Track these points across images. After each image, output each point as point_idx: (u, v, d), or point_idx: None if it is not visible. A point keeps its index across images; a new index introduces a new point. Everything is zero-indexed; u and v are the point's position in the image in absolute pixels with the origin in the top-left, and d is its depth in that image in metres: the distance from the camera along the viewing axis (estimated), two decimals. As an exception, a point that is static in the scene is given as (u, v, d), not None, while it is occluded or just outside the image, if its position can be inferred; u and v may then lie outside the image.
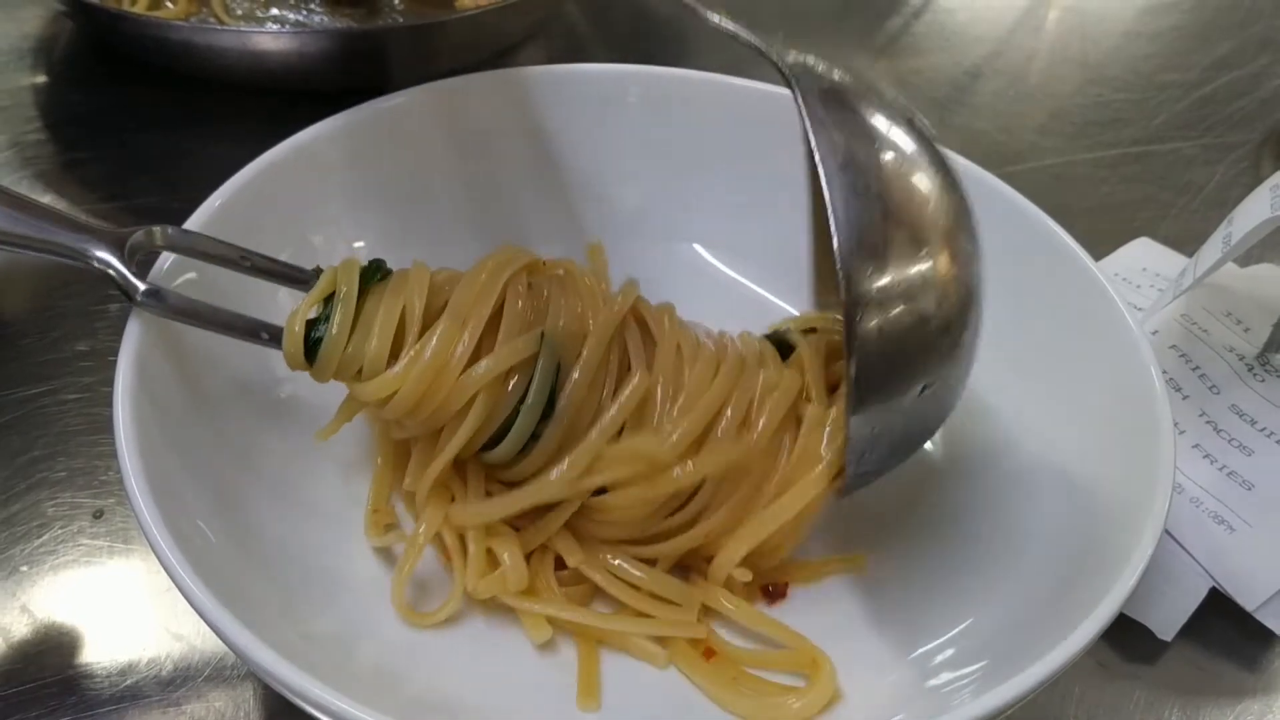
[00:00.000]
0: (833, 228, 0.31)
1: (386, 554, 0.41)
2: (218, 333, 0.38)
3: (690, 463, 0.37)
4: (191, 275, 0.40)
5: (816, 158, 0.32)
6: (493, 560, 0.39)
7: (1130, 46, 0.80)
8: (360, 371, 0.37)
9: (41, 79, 0.68)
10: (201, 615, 0.31)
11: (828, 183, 0.32)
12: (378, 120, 0.46)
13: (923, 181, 0.34)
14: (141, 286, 0.38)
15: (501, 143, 0.48)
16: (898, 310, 0.32)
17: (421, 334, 0.37)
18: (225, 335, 0.38)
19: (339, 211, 0.46)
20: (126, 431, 0.34)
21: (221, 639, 0.31)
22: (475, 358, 0.37)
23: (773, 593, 0.40)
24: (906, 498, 0.42)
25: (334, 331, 0.37)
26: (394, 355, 0.37)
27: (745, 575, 0.39)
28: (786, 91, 0.47)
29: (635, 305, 0.40)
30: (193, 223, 0.41)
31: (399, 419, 0.38)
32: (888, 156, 0.33)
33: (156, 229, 0.39)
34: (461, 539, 0.40)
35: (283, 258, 0.40)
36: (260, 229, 0.42)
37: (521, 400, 0.38)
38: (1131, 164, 0.68)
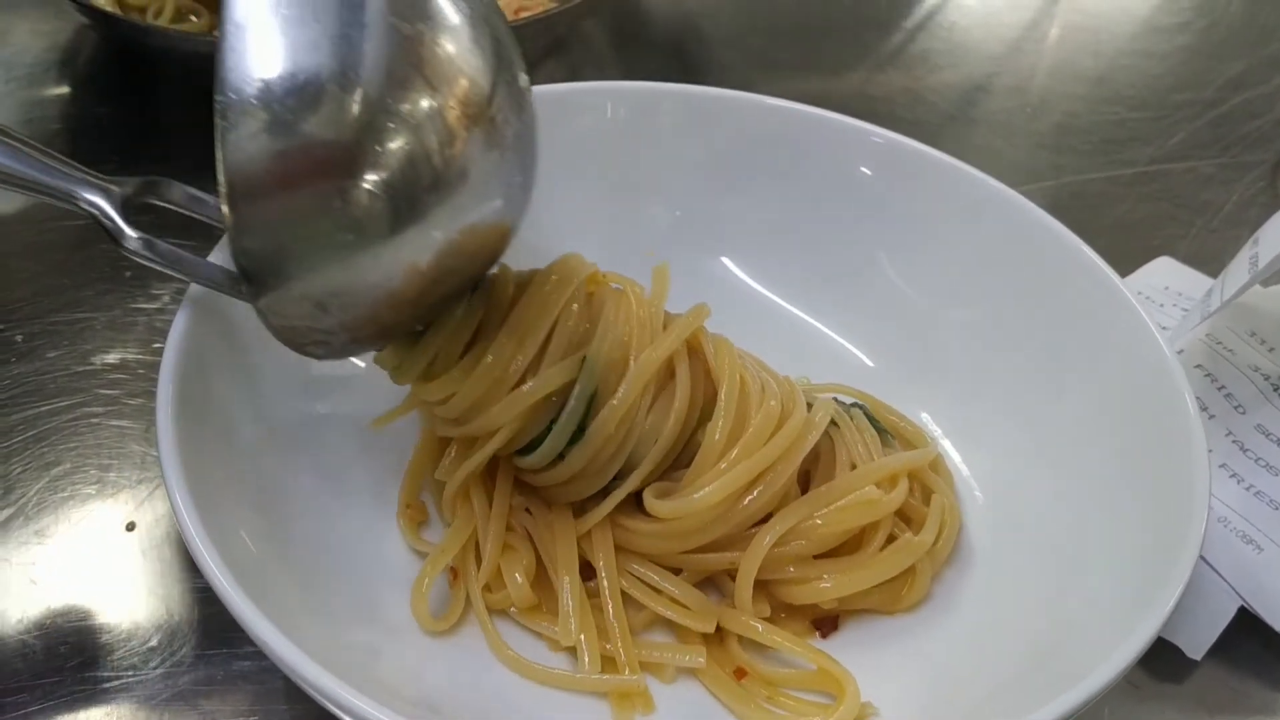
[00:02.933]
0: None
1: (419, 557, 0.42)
2: (205, 286, 0.38)
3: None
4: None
5: None
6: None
7: (1144, 65, 0.80)
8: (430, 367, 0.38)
9: (66, 90, 0.68)
10: (244, 624, 0.31)
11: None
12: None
13: None
14: (132, 234, 0.37)
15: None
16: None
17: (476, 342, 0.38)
18: (211, 288, 0.38)
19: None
20: (168, 443, 0.34)
21: (263, 647, 0.31)
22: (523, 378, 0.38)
23: (823, 625, 0.40)
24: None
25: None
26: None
27: (763, 610, 0.39)
28: (816, 110, 0.49)
29: (694, 336, 0.40)
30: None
31: (453, 419, 0.39)
32: None
33: (151, 179, 0.40)
34: (478, 553, 0.40)
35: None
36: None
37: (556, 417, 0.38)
38: (1149, 183, 0.68)
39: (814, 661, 0.38)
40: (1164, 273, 0.57)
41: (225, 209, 0.31)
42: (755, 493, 0.38)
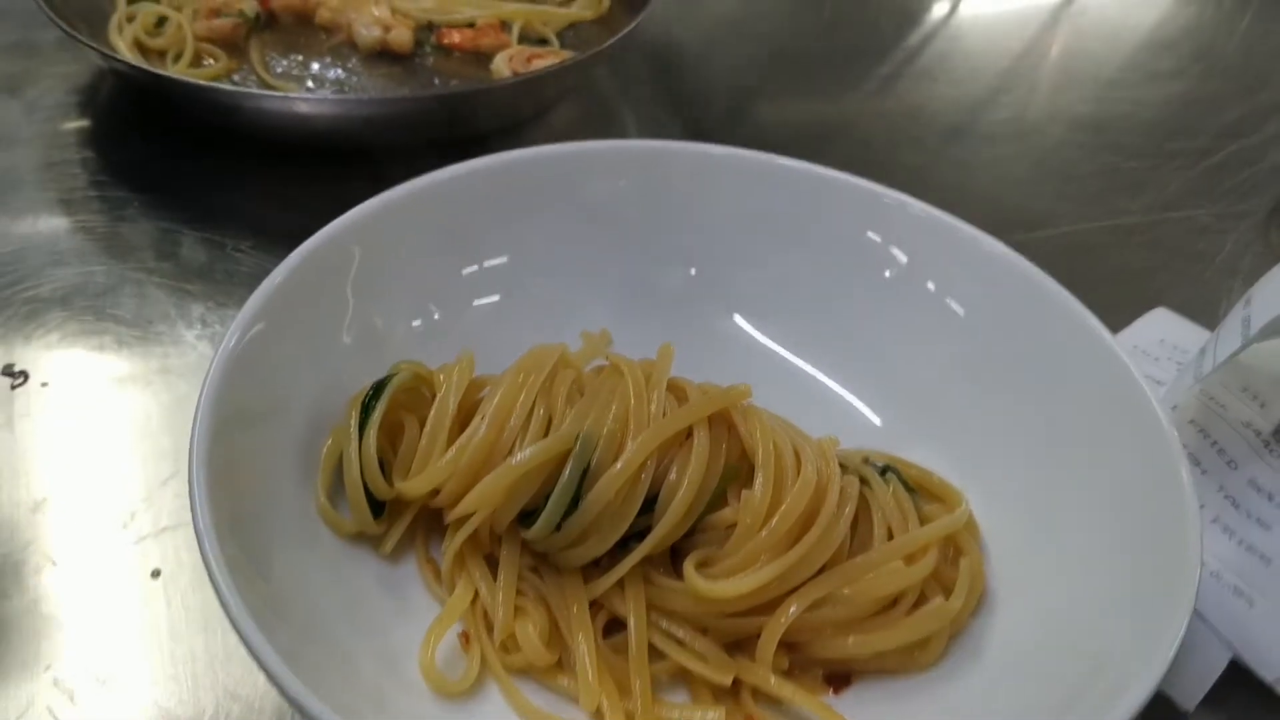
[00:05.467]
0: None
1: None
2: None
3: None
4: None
5: None
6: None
7: (1139, 112, 0.82)
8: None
9: (87, 131, 0.70)
10: (266, 670, 0.32)
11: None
12: (431, 195, 0.48)
13: None
14: None
15: (550, 216, 0.50)
16: None
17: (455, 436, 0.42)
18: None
19: (398, 290, 0.48)
20: (202, 499, 0.35)
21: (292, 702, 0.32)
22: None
23: (836, 681, 0.41)
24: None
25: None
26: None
27: (781, 664, 0.40)
28: (826, 170, 0.50)
29: (724, 412, 0.41)
30: (255, 300, 0.42)
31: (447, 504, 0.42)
32: None
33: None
34: (486, 616, 0.42)
35: (345, 340, 0.43)
36: (325, 301, 0.44)
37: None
38: (1145, 232, 0.70)
39: (824, 718, 0.39)
40: (1160, 325, 0.59)
41: None
42: (797, 574, 0.40)
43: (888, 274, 0.49)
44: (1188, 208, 0.72)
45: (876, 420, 0.50)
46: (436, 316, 0.48)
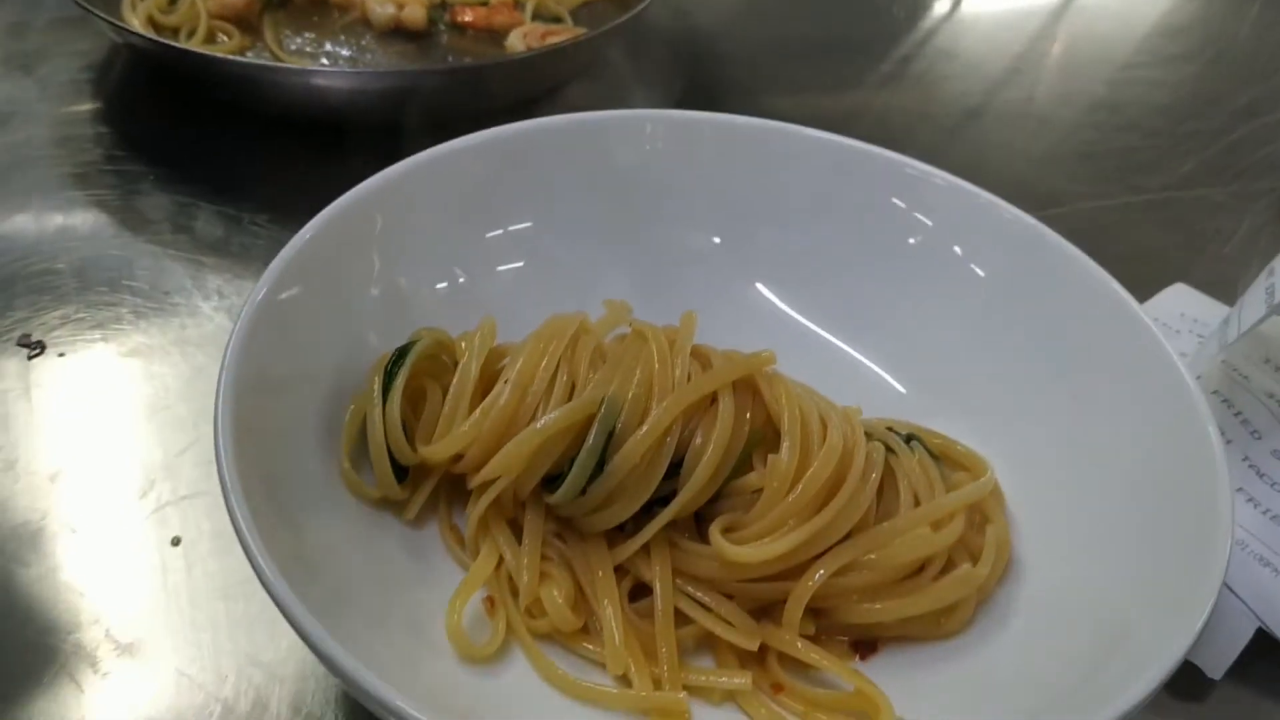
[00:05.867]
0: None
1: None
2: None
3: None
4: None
5: None
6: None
7: (1154, 94, 0.82)
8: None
9: (100, 108, 0.69)
10: (299, 630, 0.32)
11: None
12: (456, 162, 0.48)
13: None
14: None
15: (574, 183, 0.50)
16: None
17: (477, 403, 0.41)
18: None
19: (423, 252, 0.48)
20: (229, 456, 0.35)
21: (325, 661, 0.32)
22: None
23: (862, 648, 0.41)
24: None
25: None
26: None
27: (808, 629, 0.40)
28: (849, 140, 0.50)
29: (748, 379, 0.41)
30: (283, 257, 0.42)
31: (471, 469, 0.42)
32: None
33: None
34: (510, 582, 0.41)
35: (371, 300, 0.42)
36: (349, 264, 0.44)
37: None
38: (1162, 209, 0.70)
39: (851, 681, 0.39)
40: (1179, 299, 0.59)
41: None
42: (823, 539, 0.39)
43: (912, 240, 0.49)
44: (1203, 187, 0.72)
45: (901, 388, 0.49)
46: (462, 280, 0.48)
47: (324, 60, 0.71)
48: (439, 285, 0.48)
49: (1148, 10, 0.96)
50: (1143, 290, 0.59)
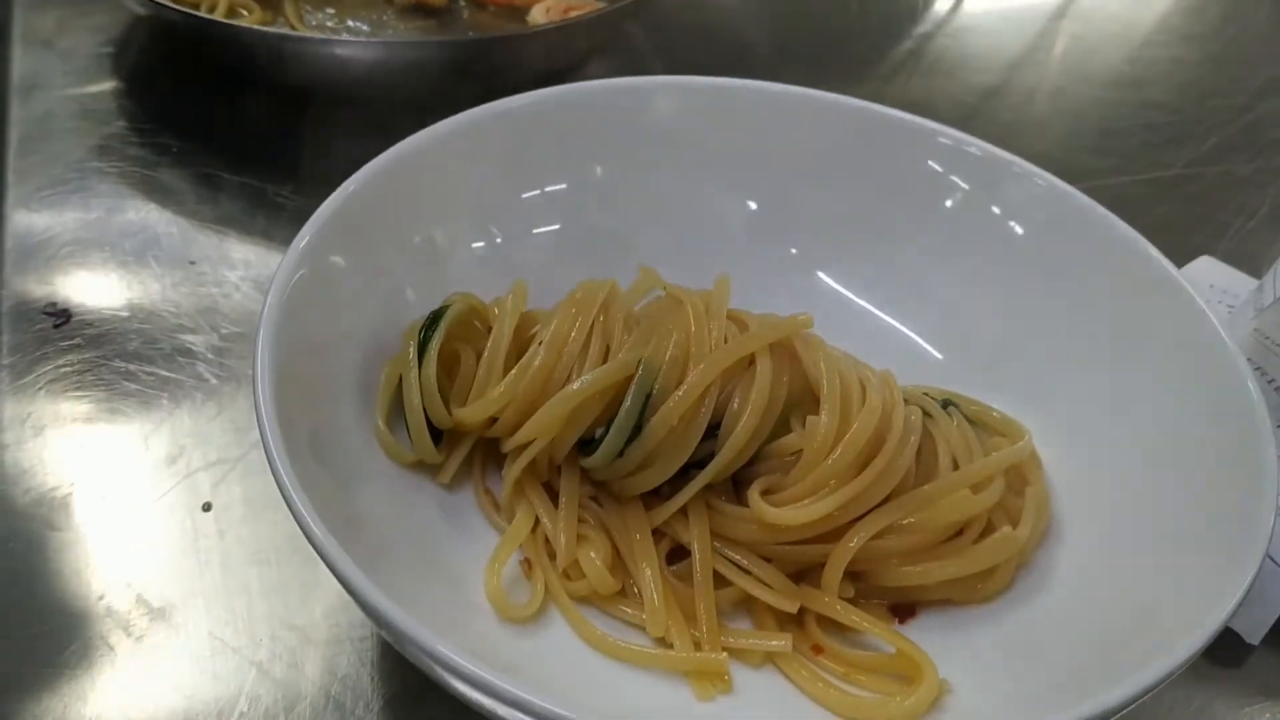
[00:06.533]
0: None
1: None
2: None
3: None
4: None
5: None
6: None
7: (1176, 71, 0.82)
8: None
9: (121, 84, 0.69)
10: (348, 585, 0.32)
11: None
12: (496, 123, 0.48)
13: None
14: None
15: (611, 147, 0.50)
16: None
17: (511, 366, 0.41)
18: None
19: (460, 210, 0.48)
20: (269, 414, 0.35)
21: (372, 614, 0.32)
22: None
23: (901, 612, 0.41)
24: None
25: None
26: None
27: (847, 591, 0.40)
28: (885, 108, 0.50)
29: (786, 342, 0.41)
30: (321, 214, 0.42)
31: (506, 432, 0.41)
32: None
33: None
34: (548, 544, 0.41)
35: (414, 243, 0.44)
36: (390, 218, 0.44)
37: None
38: (1185, 185, 0.70)
39: (892, 643, 0.39)
40: (1207, 271, 0.58)
41: None
42: (863, 502, 0.39)
43: (949, 203, 0.49)
44: (1226, 163, 0.72)
45: (938, 354, 0.49)
46: (499, 240, 0.48)
47: (345, 35, 0.71)
48: (475, 245, 0.47)
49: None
50: (1173, 263, 0.58)
